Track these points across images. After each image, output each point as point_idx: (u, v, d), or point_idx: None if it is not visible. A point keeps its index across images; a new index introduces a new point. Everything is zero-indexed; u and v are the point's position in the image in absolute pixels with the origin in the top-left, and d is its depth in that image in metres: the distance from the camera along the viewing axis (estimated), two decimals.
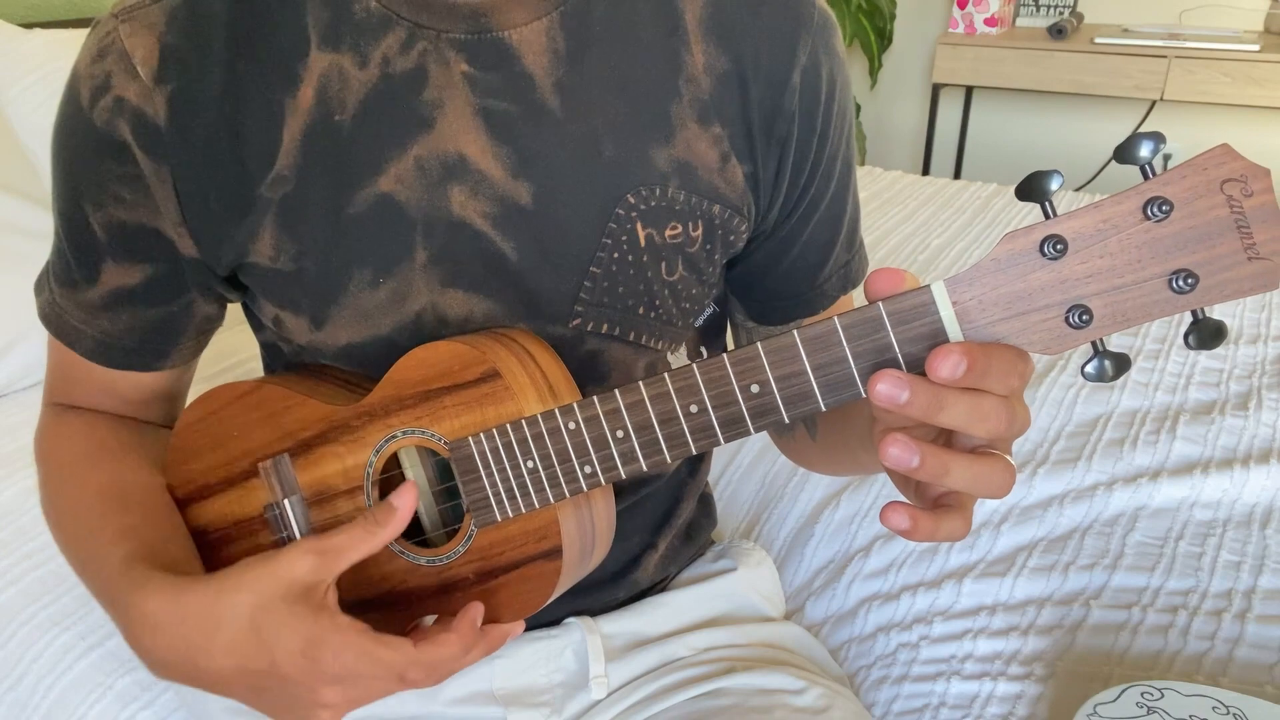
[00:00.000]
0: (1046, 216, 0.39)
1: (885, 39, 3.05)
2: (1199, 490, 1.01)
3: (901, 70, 3.24)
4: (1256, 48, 2.42)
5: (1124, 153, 0.37)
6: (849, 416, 0.59)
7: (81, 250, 0.60)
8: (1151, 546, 0.94)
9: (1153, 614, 0.86)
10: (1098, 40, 2.58)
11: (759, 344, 0.44)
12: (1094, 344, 0.40)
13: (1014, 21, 2.93)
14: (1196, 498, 1.00)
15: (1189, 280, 0.37)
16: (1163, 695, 0.67)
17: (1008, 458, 0.43)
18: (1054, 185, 0.38)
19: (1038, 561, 0.93)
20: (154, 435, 0.69)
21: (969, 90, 3.07)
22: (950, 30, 2.84)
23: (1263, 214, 0.37)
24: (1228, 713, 0.66)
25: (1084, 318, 0.39)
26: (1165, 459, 1.07)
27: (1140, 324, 0.40)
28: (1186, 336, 0.39)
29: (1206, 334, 0.38)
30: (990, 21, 2.78)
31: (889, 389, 0.40)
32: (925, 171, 3.06)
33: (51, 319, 0.64)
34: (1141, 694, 0.67)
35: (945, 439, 0.44)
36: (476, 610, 0.53)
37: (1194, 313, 0.39)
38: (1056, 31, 2.65)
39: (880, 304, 0.41)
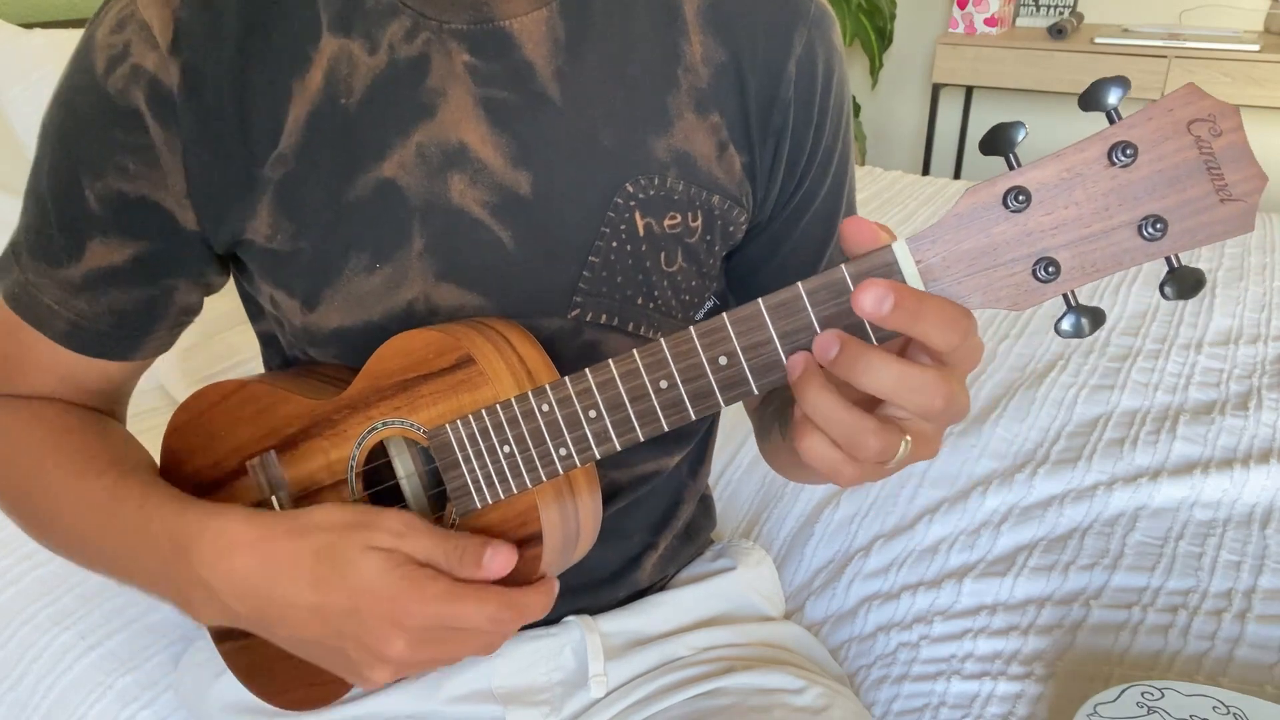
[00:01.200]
0: (1010, 169, 0.38)
1: (885, 38, 3.05)
2: (1199, 490, 1.01)
3: (901, 70, 3.24)
4: (1256, 48, 2.42)
5: (1089, 99, 0.36)
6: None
7: (69, 224, 0.59)
8: (1151, 546, 0.94)
9: (1153, 614, 0.86)
10: (1098, 40, 2.58)
11: (724, 314, 0.43)
12: (1066, 298, 0.39)
13: (1014, 21, 2.93)
14: (1196, 498, 1.00)
15: (1158, 226, 0.36)
16: (1163, 695, 0.67)
17: (952, 372, 0.40)
18: (1019, 136, 0.37)
19: (1038, 561, 0.93)
20: (117, 427, 0.67)
21: (969, 90, 3.07)
22: (950, 30, 2.84)
23: (1233, 153, 0.35)
24: (1228, 713, 0.66)
25: (1050, 270, 0.38)
26: (1165, 459, 1.07)
27: (1111, 274, 0.38)
28: (1163, 287, 0.37)
29: (1185, 284, 0.37)
30: (990, 21, 2.78)
31: (824, 341, 0.40)
32: (925, 171, 3.06)
33: (21, 300, 0.61)
34: (1142, 694, 0.67)
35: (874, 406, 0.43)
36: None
37: (1169, 261, 0.37)
38: (1056, 31, 2.65)
39: (843, 266, 0.40)
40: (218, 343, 1.32)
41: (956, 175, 3.20)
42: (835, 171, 0.65)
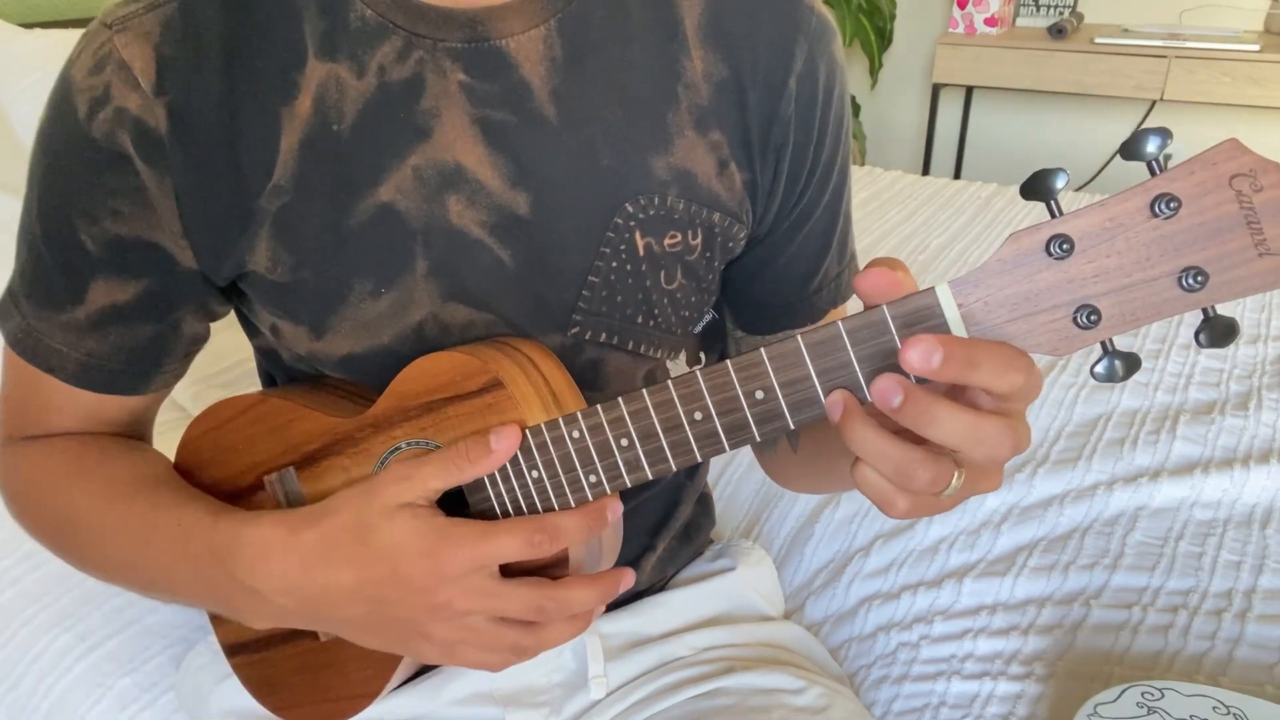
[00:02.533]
0: (1052, 215, 0.38)
1: (885, 39, 3.06)
2: (1199, 490, 1.01)
3: (901, 70, 3.24)
4: (1256, 48, 2.42)
5: (1130, 149, 0.36)
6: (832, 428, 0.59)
7: (67, 268, 0.58)
8: (1151, 546, 0.94)
9: (1153, 614, 0.86)
10: (1098, 40, 2.58)
11: (762, 350, 0.43)
12: (1103, 344, 0.39)
13: (1014, 21, 2.93)
14: (1196, 498, 1.00)
15: (1199, 278, 0.37)
16: (1163, 695, 0.67)
17: (1017, 418, 0.40)
18: (1059, 184, 0.37)
19: (1038, 561, 0.93)
20: (140, 445, 0.67)
21: (969, 90, 3.07)
22: (950, 30, 2.84)
23: (1273, 209, 0.36)
24: (1228, 713, 0.66)
25: (1092, 318, 0.38)
26: (1165, 459, 1.07)
27: (1150, 323, 0.39)
28: (1198, 335, 0.38)
29: (1218, 332, 0.37)
30: (990, 21, 2.78)
31: (885, 388, 0.39)
32: (925, 171, 3.06)
33: (27, 345, 0.60)
34: (1142, 694, 0.67)
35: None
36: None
37: (1204, 310, 0.38)
38: (1056, 31, 2.65)
39: (884, 307, 0.41)
40: (216, 343, 1.31)
41: (956, 175, 3.20)
42: (834, 185, 0.65)
